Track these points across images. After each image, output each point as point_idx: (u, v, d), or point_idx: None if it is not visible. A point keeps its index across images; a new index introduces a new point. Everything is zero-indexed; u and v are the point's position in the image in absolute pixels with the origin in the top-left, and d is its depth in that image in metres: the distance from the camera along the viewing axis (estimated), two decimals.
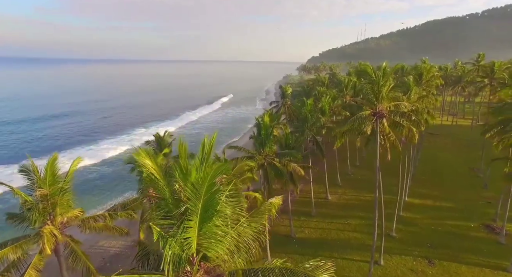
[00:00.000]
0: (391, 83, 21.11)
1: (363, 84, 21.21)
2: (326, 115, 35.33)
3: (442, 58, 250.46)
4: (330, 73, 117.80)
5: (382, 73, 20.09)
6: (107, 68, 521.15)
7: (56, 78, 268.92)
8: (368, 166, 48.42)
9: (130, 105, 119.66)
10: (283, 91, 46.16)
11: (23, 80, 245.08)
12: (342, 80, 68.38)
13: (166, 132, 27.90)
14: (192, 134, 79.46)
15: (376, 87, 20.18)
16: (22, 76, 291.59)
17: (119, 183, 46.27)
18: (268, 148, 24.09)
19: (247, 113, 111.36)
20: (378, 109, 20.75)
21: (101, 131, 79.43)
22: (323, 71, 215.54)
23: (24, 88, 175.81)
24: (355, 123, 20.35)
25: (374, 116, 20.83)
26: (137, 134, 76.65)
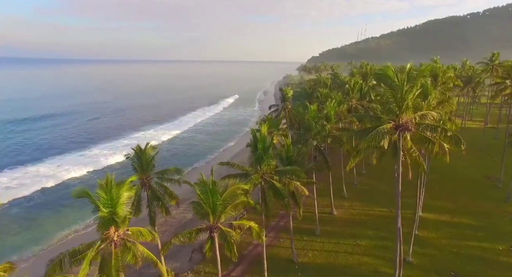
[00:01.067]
0: (417, 88, 17.26)
1: (384, 91, 17.12)
2: (332, 121, 31.61)
3: (443, 58, 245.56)
4: (331, 73, 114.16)
5: (406, 76, 16.33)
6: (107, 68, 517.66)
7: (56, 78, 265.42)
8: (375, 174, 44.78)
9: (130, 107, 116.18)
10: (283, 94, 42.54)
11: (22, 80, 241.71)
12: (346, 81, 64.89)
13: (148, 144, 24.17)
14: (186, 137, 75.75)
15: (399, 94, 16.37)
16: (22, 76, 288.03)
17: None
18: (266, 165, 20.40)
19: (245, 115, 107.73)
20: (401, 121, 16.91)
21: (95, 136, 75.71)
22: (324, 71, 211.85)
23: (24, 88, 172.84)
24: (374, 139, 16.46)
25: (396, 129, 17.01)
26: (134, 137, 73.00)
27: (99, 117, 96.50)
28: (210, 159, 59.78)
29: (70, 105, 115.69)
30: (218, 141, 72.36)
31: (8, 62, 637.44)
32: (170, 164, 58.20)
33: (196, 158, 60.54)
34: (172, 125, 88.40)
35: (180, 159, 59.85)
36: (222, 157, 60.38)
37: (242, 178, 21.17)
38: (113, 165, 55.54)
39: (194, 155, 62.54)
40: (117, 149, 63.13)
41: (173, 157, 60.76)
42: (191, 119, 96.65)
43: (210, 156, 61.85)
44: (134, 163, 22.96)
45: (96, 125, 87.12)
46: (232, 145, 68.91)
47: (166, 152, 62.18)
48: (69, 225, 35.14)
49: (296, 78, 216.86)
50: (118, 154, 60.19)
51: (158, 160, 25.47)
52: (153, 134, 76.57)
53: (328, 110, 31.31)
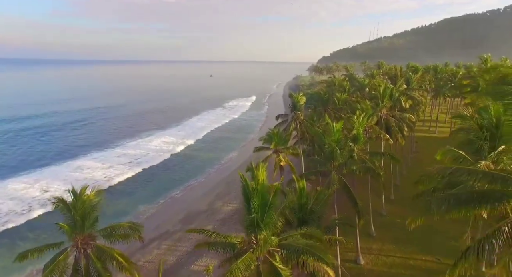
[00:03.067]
0: None
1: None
2: (360, 143, 23.14)
3: (461, 57, 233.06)
4: (346, 74, 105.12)
5: None
6: (119, 69, 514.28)
7: (70, 80, 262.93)
8: (406, 200, 36.09)
9: (142, 111, 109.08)
10: (294, 101, 34.44)
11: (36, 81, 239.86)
12: (366, 84, 56.11)
13: (93, 189, 16.13)
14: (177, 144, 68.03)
15: None
16: (36, 77, 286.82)
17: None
18: (266, 236, 12.14)
19: (250, 119, 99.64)
20: None
21: (90, 143, 68.92)
22: (336, 71, 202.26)
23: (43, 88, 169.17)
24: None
25: None
26: (129, 146, 65.87)
27: (115, 122, 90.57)
28: (209, 174, 51.96)
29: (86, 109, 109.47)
30: (218, 151, 64.42)
31: (24, 64, 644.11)
32: (162, 180, 51.57)
33: (194, 172, 52.86)
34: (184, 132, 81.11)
35: (176, 173, 52.40)
36: (223, 171, 52.52)
37: (228, 250, 12.97)
38: (100, 179, 48.12)
39: (192, 168, 54.83)
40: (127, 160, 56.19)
41: (167, 171, 53.22)
42: (200, 123, 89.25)
43: (209, 169, 54.04)
44: (65, 218, 15.01)
45: (113, 129, 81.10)
46: (235, 156, 60.92)
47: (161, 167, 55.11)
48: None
49: (307, 79, 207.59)
50: (112, 167, 53.26)
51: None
52: (150, 142, 69.44)
53: (357, 129, 22.79)
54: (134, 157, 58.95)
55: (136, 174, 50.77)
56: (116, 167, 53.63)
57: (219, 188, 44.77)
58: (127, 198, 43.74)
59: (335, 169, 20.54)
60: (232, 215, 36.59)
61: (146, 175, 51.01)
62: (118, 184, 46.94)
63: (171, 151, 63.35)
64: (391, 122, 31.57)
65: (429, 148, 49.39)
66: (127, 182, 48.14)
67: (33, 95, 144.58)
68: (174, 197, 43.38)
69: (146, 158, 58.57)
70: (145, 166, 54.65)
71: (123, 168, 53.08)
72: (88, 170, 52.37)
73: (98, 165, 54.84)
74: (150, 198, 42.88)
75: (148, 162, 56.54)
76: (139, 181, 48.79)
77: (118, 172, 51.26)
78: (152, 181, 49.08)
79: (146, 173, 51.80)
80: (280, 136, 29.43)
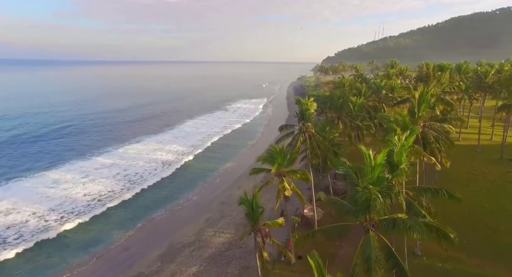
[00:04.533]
0: None
1: None
2: (403, 176, 15.35)
3: (470, 56, 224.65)
4: (355, 74, 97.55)
5: None
6: (121, 69, 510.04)
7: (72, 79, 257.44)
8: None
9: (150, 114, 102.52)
10: (302, 109, 26.83)
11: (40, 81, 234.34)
12: (388, 86, 48.31)
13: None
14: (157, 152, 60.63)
15: None
16: (38, 77, 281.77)
17: None
18: None
19: (250, 123, 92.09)
20: None
21: (71, 150, 62.01)
22: (343, 71, 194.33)
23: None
24: None
25: None
26: (115, 154, 58.69)
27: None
28: (201, 190, 44.68)
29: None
30: (213, 161, 57.02)
31: (28, 64, 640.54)
32: (146, 197, 43.52)
33: (184, 186, 45.61)
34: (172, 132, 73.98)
35: (163, 188, 45.16)
36: (217, 186, 45.21)
37: None
38: (77, 201, 40.96)
39: (182, 182, 47.47)
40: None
41: (157, 185, 45.97)
42: (191, 128, 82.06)
43: (202, 183, 46.70)
44: None
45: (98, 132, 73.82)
46: (231, 167, 53.54)
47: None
48: None
49: (312, 79, 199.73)
50: (95, 180, 45.97)
51: None
52: (144, 146, 62.27)
53: (398, 154, 14.96)
54: (123, 169, 51.95)
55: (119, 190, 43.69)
56: (100, 182, 46.49)
57: (210, 210, 37.47)
58: (104, 220, 36.78)
59: (372, 224, 13.14)
60: (224, 251, 29.23)
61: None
62: (97, 204, 39.91)
63: (166, 163, 56.21)
64: (429, 137, 24.03)
65: (457, 159, 41.70)
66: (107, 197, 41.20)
67: (23, 97, 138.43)
68: (156, 220, 36.17)
69: (136, 170, 51.49)
70: (132, 178, 47.85)
71: (107, 184, 45.86)
72: (66, 185, 45.18)
73: (78, 177, 47.87)
74: (128, 222, 35.82)
75: (138, 176, 49.51)
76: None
77: (100, 188, 44.18)
78: (135, 198, 41.97)
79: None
80: (284, 155, 22.14)
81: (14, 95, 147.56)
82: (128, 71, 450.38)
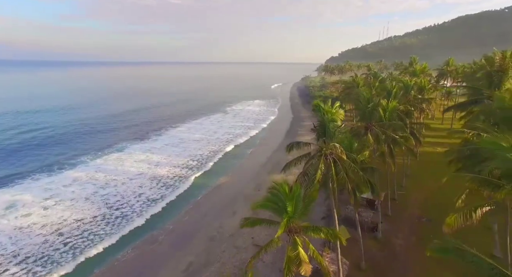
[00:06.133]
0: None
1: None
2: None
3: (477, 56, 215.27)
4: (367, 73, 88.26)
5: None
6: (123, 70, 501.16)
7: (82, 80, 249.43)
8: None
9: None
10: (323, 120, 17.54)
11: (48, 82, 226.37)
12: (425, 89, 38.84)
13: None
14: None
15: None
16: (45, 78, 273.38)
17: None
18: None
19: (250, 125, 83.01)
20: None
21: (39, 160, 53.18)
22: (349, 71, 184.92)
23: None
24: None
25: None
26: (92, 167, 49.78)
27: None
28: (183, 216, 35.62)
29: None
30: (204, 174, 47.91)
31: (34, 65, 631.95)
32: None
33: (164, 212, 36.68)
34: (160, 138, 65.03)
35: (136, 211, 36.13)
36: (204, 212, 36.09)
37: None
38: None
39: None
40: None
41: (124, 206, 36.90)
42: (186, 134, 73.13)
43: (185, 207, 37.65)
44: None
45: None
46: (223, 183, 44.36)
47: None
48: None
49: (317, 79, 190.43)
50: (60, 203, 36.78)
51: None
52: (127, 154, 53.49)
53: None
54: (100, 186, 43.16)
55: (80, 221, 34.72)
56: (67, 206, 37.52)
57: (194, 249, 28.33)
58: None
59: None
60: None
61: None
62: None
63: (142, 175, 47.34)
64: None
65: None
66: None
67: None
68: (119, 264, 27.10)
69: (117, 188, 42.72)
70: (111, 200, 38.97)
71: (77, 209, 36.91)
72: (22, 211, 36.15)
73: (39, 198, 39.00)
74: (81, 270, 26.71)
75: (119, 196, 40.71)
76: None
77: (66, 215, 35.25)
78: (102, 223, 33.12)
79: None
80: (297, 199, 13.18)
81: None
82: (130, 72, 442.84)
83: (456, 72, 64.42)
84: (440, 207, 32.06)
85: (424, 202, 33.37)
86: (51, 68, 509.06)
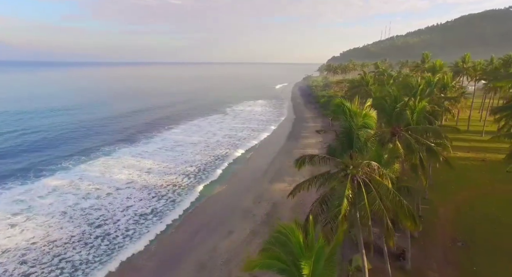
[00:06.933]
0: None
1: None
2: None
3: (481, 55, 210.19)
4: (375, 71, 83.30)
5: None
6: (124, 70, 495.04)
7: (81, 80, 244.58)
8: None
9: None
10: (349, 126, 12.62)
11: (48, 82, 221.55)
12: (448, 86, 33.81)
13: None
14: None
15: None
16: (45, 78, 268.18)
17: None
18: None
19: (251, 127, 77.92)
20: None
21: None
22: (352, 70, 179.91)
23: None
24: None
25: None
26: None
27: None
28: (171, 234, 30.58)
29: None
30: (197, 181, 42.66)
31: (35, 66, 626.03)
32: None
33: (146, 227, 31.67)
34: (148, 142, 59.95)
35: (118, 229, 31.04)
36: (193, 229, 31.02)
37: None
38: None
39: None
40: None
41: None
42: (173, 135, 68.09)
43: (172, 222, 32.64)
44: None
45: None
46: (220, 191, 39.30)
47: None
48: None
49: (319, 79, 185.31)
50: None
51: None
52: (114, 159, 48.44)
53: None
54: (81, 196, 38.09)
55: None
56: (40, 223, 32.29)
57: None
58: None
59: None
60: None
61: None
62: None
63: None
64: None
65: None
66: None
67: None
68: None
69: (101, 200, 37.69)
70: (94, 215, 33.92)
71: (52, 228, 31.69)
72: None
73: (6, 214, 33.85)
74: None
75: (104, 209, 35.67)
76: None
77: (39, 235, 30.04)
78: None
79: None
80: (318, 255, 8.18)
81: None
82: (129, 72, 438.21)
83: (474, 69, 59.67)
84: (478, 225, 26.96)
85: (456, 219, 28.33)
86: (50, 68, 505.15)
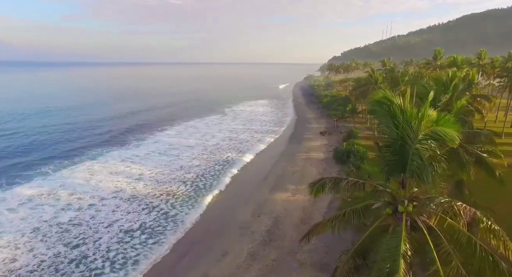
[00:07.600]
0: None
1: None
2: None
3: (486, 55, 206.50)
4: (383, 69, 78.99)
5: None
6: (124, 70, 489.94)
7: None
8: None
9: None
10: (402, 137, 7.79)
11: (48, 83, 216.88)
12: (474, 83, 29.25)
13: None
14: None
15: None
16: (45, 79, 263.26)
17: None
18: None
19: (251, 128, 73.39)
20: None
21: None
22: (356, 70, 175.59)
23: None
24: None
25: None
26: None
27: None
28: (156, 261, 26.02)
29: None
30: (189, 192, 38.08)
31: (35, 66, 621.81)
32: None
33: (129, 252, 27.10)
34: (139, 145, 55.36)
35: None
36: (179, 255, 26.38)
37: None
38: None
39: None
40: None
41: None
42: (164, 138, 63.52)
43: (156, 246, 28.09)
44: None
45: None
46: (213, 205, 34.70)
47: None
48: None
49: (321, 78, 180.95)
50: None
51: None
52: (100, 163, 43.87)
53: None
54: (60, 207, 33.41)
55: None
56: (8, 242, 27.57)
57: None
58: None
59: None
60: None
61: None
62: None
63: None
64: None
65: None
66: None
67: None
68: None
69: (81, 214, 33.08)
70: (73, 232, 29.25)
71: (20, 250, 26.98)
72: None
73: None
74: None
75: (84, 226, 31.04)
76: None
77: (2, 257, 25.57)
78: None
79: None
80: None
81: None
82: (129, 72, 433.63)
83: (493, 65, 55.25)
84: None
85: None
86: (50, 68, 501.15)
